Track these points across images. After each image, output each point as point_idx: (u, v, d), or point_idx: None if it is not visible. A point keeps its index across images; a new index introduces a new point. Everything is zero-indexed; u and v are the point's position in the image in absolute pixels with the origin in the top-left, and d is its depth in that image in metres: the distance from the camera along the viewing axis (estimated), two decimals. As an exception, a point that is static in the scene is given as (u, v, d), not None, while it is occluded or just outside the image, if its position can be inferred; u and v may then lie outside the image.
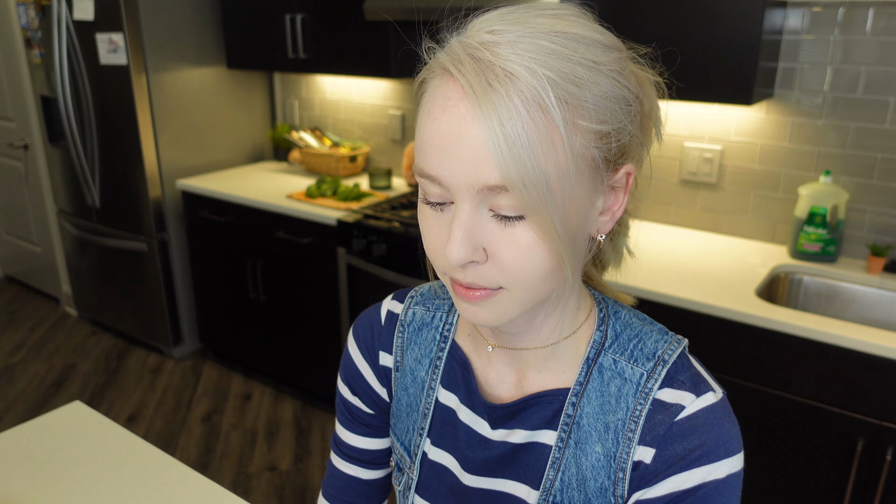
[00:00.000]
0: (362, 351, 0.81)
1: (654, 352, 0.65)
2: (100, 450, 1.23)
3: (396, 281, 2.35)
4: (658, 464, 0.62)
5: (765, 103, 2.12)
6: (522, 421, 0.69)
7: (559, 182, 0.53)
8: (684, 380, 0.64)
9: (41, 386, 3.12)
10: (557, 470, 0.66)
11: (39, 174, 3.66)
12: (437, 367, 0.75)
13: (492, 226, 0.55)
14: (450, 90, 0.54)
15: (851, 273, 1.97)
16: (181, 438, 2.73)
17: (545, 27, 0.54)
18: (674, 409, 0.62)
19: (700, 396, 0.62)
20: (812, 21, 1.99)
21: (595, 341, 0.67)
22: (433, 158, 0.55)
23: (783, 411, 1.72)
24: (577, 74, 0.53)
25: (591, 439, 0.65)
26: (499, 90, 0.51)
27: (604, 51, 0.56)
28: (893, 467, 1.60)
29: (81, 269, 3.58)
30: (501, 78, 0.51)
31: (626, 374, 0.65)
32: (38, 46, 3.20)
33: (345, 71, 2.72)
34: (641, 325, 0.68)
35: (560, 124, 0.52)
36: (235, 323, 3.10)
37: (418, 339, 0.77)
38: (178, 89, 3.05)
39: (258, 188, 2.91)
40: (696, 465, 0.60)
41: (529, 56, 0.52)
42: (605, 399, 0.65)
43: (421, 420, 0.76)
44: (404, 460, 0.79)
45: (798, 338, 1.66)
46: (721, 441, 0.61)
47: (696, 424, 0.61)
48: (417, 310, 0.78)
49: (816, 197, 1.99)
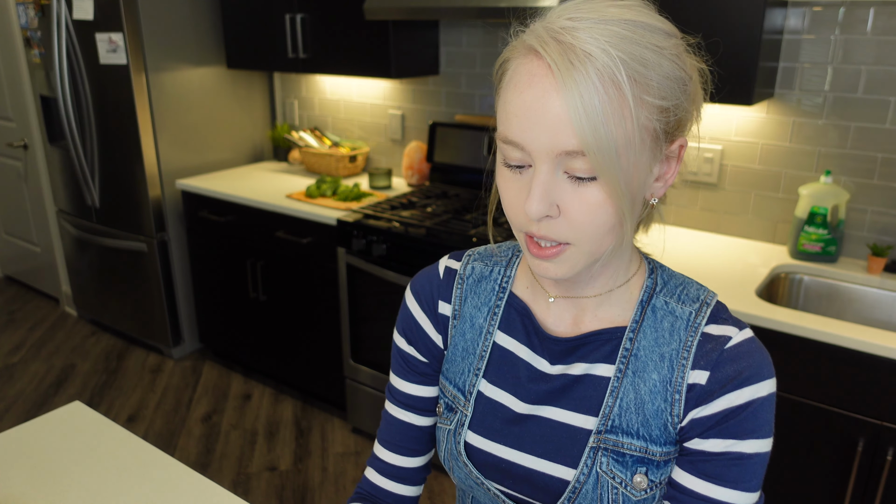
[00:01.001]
0: (420, 303, 0.87)
1: (698, 296, 0.75)
2: (99, 450, 1.22)
3: (396, 281, 2.35)
4: (713, 384, 0.70)
5: (765, 103, 2.12)
6: (582, 356, 0.77)
7: (626, 149, 0.62)
8: (726, 317, 0.74)
9: (41, 386, 3.12)
10: (616, 397, 0.74)
11: (39, 174, 3.66)
12: (496, 314, 0.83)
13: (566, 185, 0.64)
14: (535, 67, 0.62)
15: (852, 273, 1.96)
16: (181, 438, 2.73)
17: (616, 15, 0.62)
18: (721, 339, 0.72)
19: (742, 330, 0.73)
20: (812, 21, 1.99)
21: (647, 287, 0.77)
22: (517, 126, 0.64)
23: (784, 411, 1.72)
24: (645, 56, 0.61)
25: (647, 368, 0.74)
26: (579, 68, 0.59)
27: (665, 37, 0.65)
28: (894, 467, 1.60)
29: (81, 269, 3.58)
30: (581, 57, 0.60)
31: (676, 313, 0.74)
32: (37, 46, 3.19)
33: (345, 71, 2.72)
34: (683, 277, 0.79)
35: (630, 98, 0.60)
36: (235, 323, 3.10)
37: (477, 289, 0.84)
38: (178, 89, 3.05)
39: (258, 188, 2.90)
40: (745, 384, 0.69)
41: (604, 39, 0.60)
42: (658, 334, 0.74)
43: (477, 361, 0.83)
44: (458, 399, 0.84)
45: (798, 338, 1.65)
46: (763, 365, 0.71)
47: (742, 351, 0.71)
48: (476, 265, 0.86)
49: (817, 197, 1.99)
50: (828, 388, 1.65)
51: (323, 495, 2.42)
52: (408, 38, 2.61)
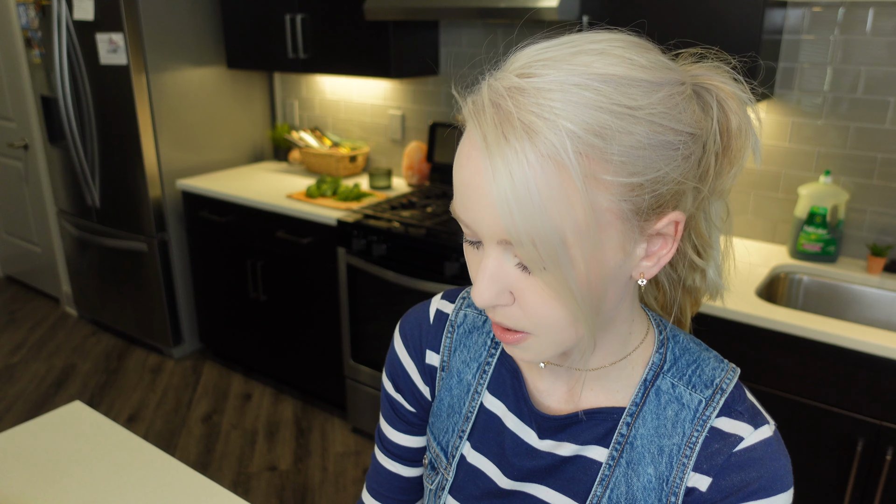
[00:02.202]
0: (408, 348, 0.80)
1: (713, 379, 0.65)
2: (99, 450, 1.23)
3: (396, 281, 2.35)
4: (714, 493, 0.61)
5: (765, 103, 2.12)
6: (573, 435, 0.68)
7: (577, 238, 0.52)
8: (742, 410, 0.63)
9: (41, 386, 3.12)
10: (606, 487, 0.66)
11: (39, 174, 3.66)
12: (486, 371, 0.75)
13: (517, 272, 0.55)
14: (473, 138, 0.54)
15: (851, 273, 1.96)
16: (181, 438, 2.73)
17: (581, 69, 0.52)
18: (732, 439, 0.62)
19: (758, 429, 0.62)
20: (812, 21, 1.99)
21: (654, 363, 0.66)
22: (461, 205, 0.56)
23: (783, 411, 1.72)
24: (605, 125, 0.51)
25: (643, 461, 0.64)
26: (514, 144, 0.50)
27: (647, 92, 0.53)
28: (894, 467, 1.60)
29: (81, 269, 3.58)
30: (518, 132, 0.50)
31: (683, 400, 0.64)
32: (38, 46, 3.20)
33: (345, 71, 2.72)
34: (699, 351, 0.67)
35: (578, 180, 0.50)
36: (235, 323, 3.10)
37: (468, 341, 0.76)
38: (179, 89, 3.05)
39: (258, 188, 2.91)
40: (751, 498, 0.60)
41: (553, 107, 0.50)
42: (661, 422, 0.64)
43: (462, 423, 0.76)
44: (440, 460, 0.78)
45: (798, 338, 1.66)
46: (777, 476, 0.61)
47: (755, 457, 0.61)
48: (469, 312, 0.78)
49: (816, 197, 1.99)
50: (827, 387, 1.65)
51: (323, 495, 2.42)
52: (408, 39, 2.62)
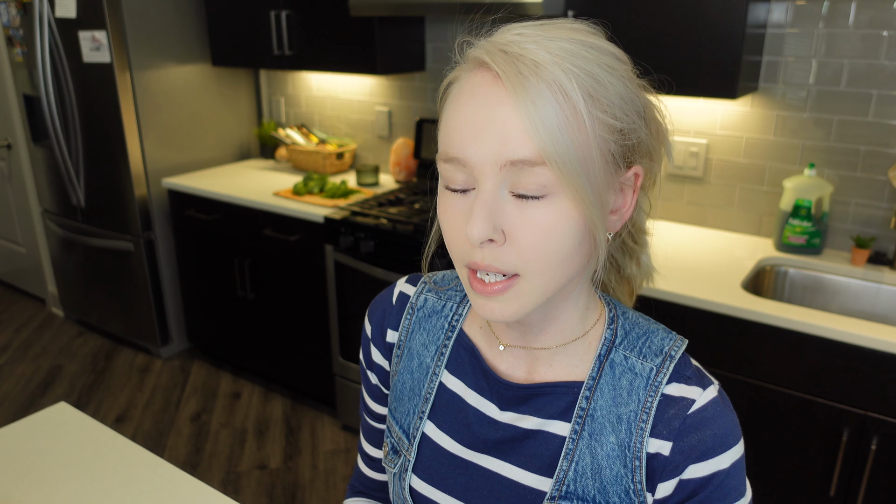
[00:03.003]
0: (373, 328, 0.84)
1: (661, 348, 0.69)
2: (86, 451, 1.22)
3: (385, 277, 2.35)
4: (676, 455, 0.65)
5: (749, 97, 2.13)
6: (535, 408, 0.71)
7: (586, 163, 0.57)
8: (689, 375, 0.68)
9: (27, 387, 3.10)
10: (571, 461, 0.68)
11: (23, 174, 3.62)
12: (443, 353, 0.77)
13: (511, 207, 0.58)
14: (480, 79, 0.59)
15: (836, 265, 1.98)
16: (170, 438, 2.72)
17: (565, 35, 0.60)
18: (685, 402, 0.66)
19: (706, 390, 0.67)
20: (796, 15, 2.00)
21: (606, 339, 0.70)
22: (458, 140, 0.59)
23: (770, 403, 1.73)
24: (597, 74, 0.58)
25: (605, 430, 0.68)
26: (529, 77, 0.56)
27: (616, 60, 0.61)
28: (878, 456, 1.62)
29: (67, 270, 3.55)
30: (531, 67, 0.56)
31: (636, 369, 0.68)
32: (19, 45, 3.16)
33: (331, 67, 2.71)
34: (648, 324, 0.72)
35: (584, 112, 0.57)
36: (224, 321, 3.08)
37: (427, 324, 0.80)
38: (163, 87, 3.03)
39: (245, 186, 2.89)
40: (709, 455, 0.65)
41: (555, 53, 0.57)
42: (617, 392, 0.68)
43: (422, 404, 0.78)
44: (402, 443, 0.80)
45: (784, 330, 1.67)
46: (728, 431, 0.66)
47: (707, 416, 0.66)
48: (429, 297, 0.81)
49: (801, 190, 2.00)
50: (813, 378, 1.66)
51: (313, 493, 2.42)
52: (393, 34, 2.61)
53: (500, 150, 0.56)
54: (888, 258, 1.97)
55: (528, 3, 2.01)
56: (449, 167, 0.61)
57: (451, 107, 0.61)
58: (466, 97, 0.59)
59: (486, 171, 0.58)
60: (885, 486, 1.63)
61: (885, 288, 1.91)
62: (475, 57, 0.60)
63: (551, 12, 2.02)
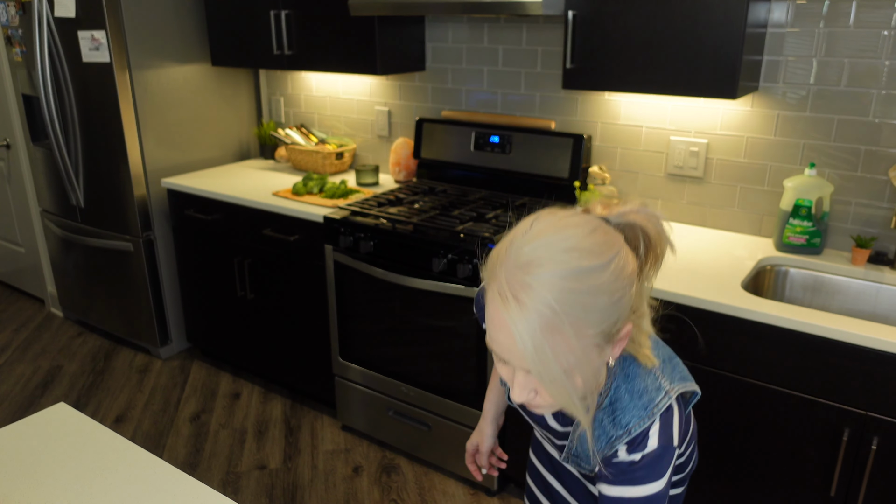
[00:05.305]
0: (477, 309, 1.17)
1: (628, 423, 0.92)
2: (85, 452, 1.21)
3: (384, 278, 2.34)
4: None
5: (750, 97, 2.13)
6: None
7: (577, 368, 0.78)
8: (638, 443, 0.92)
9: (27, 388, 3.09)
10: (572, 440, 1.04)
11: (22, 174, 3.62)
12: None
13: (537, 381, 0.81)
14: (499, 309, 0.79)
15: (836, 265, 1.98)
16: (169, 438, 2.72)
17: (570, 263, 0.76)
18: (624, 461, 0.93)
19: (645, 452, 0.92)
20: (797, 14, 2.00)
21: (598, 403, 0.96)
22: (492, 340, 0.81)
23: (770, 402, 1.73)
24: (585, 304, 0.76)
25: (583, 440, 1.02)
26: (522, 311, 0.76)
27: (605, 268, 0.78)
28: (879, 456, 1.61)
29: (66, 270, 3.55)
30: (527, 305, 0.75)
31: (605, 428, 0.95)
32: (18, 44, 3.16)
33: (330, 67, 2.71)
34: (630, 400, 0.94)
35: (573, 339, 0.76)
36: (223, 322, 3.08)
37: None
38: (162, 87, 3.03)
39: (244, 186, 2.89)
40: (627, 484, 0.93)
41: (551, 296, 0.75)
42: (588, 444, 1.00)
43: None
44: None
45: (784, 329, 1.67)
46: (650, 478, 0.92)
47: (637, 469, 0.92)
48: None
49: (801, 189, 2.00)
50: (813, 378, 1.66)
51: (313, 493, 2.42)
52: (393, 34, 2.61)
53: (510, 358, 0.80)
54: (888, 258, 1.97)
55: (529, 2, 2.00)
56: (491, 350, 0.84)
57: (487, 311, 0.81)
58: (489, 315, 0.81)
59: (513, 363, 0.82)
60: (886, 486, 1.63)
61: (885, 288, 1.91)
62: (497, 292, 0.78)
63: (551, 12, 2.02)
